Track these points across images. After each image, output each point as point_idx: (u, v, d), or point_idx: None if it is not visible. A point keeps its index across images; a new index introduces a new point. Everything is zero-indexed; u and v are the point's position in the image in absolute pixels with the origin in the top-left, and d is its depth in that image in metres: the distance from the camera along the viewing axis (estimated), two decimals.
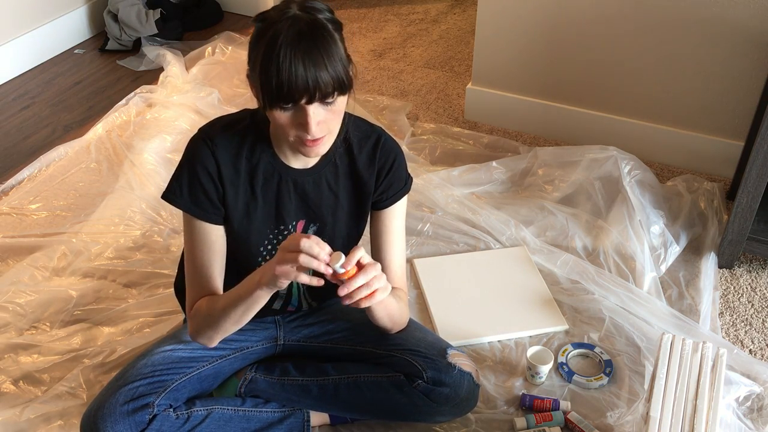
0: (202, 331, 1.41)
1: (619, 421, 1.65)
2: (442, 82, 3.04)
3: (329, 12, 1.25)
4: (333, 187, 1.44)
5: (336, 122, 1.27)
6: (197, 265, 1.40)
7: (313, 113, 1.21)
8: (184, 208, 1.36)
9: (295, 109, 1.22)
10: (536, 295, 1.98)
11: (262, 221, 1.41)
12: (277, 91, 1.18)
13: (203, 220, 1.37)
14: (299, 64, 1.17)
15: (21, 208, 2.34)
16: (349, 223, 1.49)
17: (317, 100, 1.20)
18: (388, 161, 1.45)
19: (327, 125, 1.25)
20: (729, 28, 2.21)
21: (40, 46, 3.20)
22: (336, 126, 1.29)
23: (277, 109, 1.22)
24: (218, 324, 1.37)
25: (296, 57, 1.16)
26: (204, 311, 1.38)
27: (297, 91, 1.18)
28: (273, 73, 1.17)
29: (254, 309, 1.34)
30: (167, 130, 2.61)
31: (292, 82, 1.17)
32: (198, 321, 1.40)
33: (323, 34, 1.19)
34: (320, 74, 1.18)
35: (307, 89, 1.18)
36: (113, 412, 1.36)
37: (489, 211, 2.24)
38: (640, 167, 2.31)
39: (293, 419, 1.58)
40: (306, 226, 1.46)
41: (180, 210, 1.38)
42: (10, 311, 1.93)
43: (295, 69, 1.17)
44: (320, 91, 1.19)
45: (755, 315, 1.96)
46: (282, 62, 1.16)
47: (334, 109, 1.24)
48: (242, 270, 1.45)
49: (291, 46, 1.16)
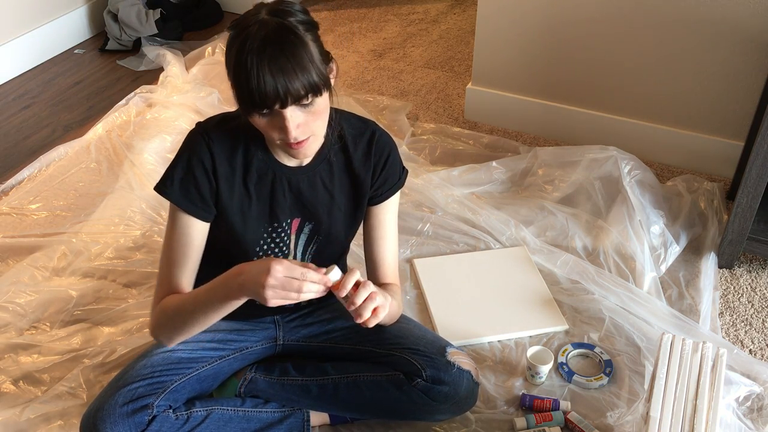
0: (164, 330, 1.40)
1: (619, 421, 1.65)
2: (442, 82, 3.04)
3: (302, 13, 1.24)
4: (328, 185, 1.44)
5: (319, 123, 1.27)
6: (172, 257, 1.39)
7: (290, 117, 1.21)
8: (173, 200, 1.36)
9: (273, 114, 1.22)
10: (536, 295, 1.98)
11: (256, 219, 1.41)
12: (250, 98, 1.19)
13: (189, 213, 1.37)
14: (266, 71, 1.16)
15: (21, 208, 2.34)
16: (345, 221, 1.49)
17: (290, 104, 1.20)
18: (383, 156, 1.46)
19: (308, 127, 1.25)
20: (729, 28, 2.21)
21: (40, 46, 3.20)
22: (320, 127, 1.28)
23: (255, 116, 1.22)
24: (184, 325, 1.36)
25: (262, 64, 1.16)
26: (171, 310, 1.37)
27: (268, 98, 1.18)
28: (243, 81, 1.18)
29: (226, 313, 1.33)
30: (167, 130, 2.61)
31: (262, 90, 1.17)
32: (161, 319, 1.39)
33: (290, 38, 1.18)
34: (289, 80, 1.17)
35: (278, 96, 1.18)
36: (113, 413, 1.36)
37: (489, 211, 2.24)
38: (640, 167, 2.31)
39: (293, 419, 1.58)
40: (301, 225, 1.46)
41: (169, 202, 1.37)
42: (10, 311, 1.93)
43: (263, 76, 1.16)
44: (291, 95, 1.19)
45: (755, 315, 1.96)
46: (250, 70, 1.17)
47: (314, 110, 1.24)
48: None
49: (257, 53, 1.16)
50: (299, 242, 1.48)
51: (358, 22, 3.53)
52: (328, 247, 1.51)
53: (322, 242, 1.49)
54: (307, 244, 1.49)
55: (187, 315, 1.35)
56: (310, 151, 1.31)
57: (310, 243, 1.49)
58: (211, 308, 1.32)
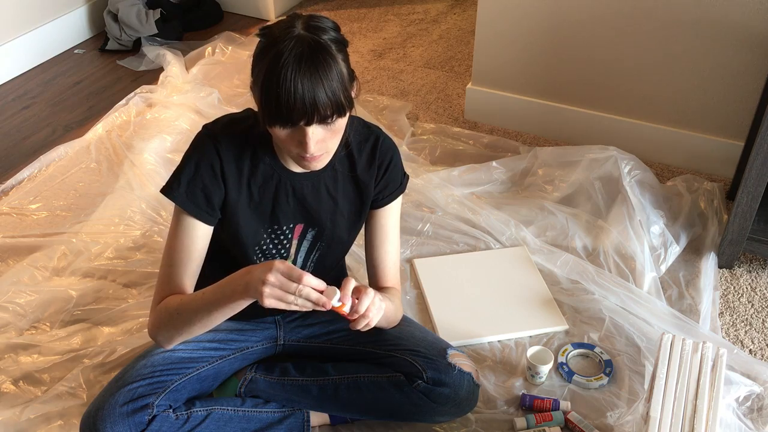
0: (164, 330, 1.39)
1: (619, 421, 1.65)
2: (442, 82, 3.04)
3: (334, 30, 1.24)
4: (332, 191, 1.44)
5: (335, 141, 1.28)
6: (174, 259, 1.39)
7: (312, 133, 1.22)
8: (179, 203, 1.36)
9: (295, 128, 1.22)
10: (536, 295, 1.98)
11: (257, 222, 1.41)
12: (277, 111, 1.19)
13: (194, 217, 1.36)
14: (299, 87, 1.16)
15: (21, 208, 2.34)
16: (348, 227, 1.50)
17: (315, 122, 1.21)
18: (385, 161, 1.46)
19: (326, 144, 1.26)
20: (729, 28, 2.21)
21: (40, 46, 3.20)
22: (335, 144, 1.29)
23: (276, 127, 1.22)
24: (186, 325, 1.36)
25: (296, 80, 1.16)
26: (173, 309, 1.36)
27: (296, 114, 1.18)
28: (273, 94, 1.18)
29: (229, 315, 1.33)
30: (167, 130, 2.61)
31: (291, 105, 1.17)
32: (162, 319, 1.38)
33: (325, 57, 1.19)
34: (319, 98, 1.18)
35: (306, 112, 1.18)
36: (113, 412, 1.36)
37: (489, 211, 2.24)
38: (640, 167, 2.31)
39: (293, 419, 1.58)
40: (304, 231, 1.46)
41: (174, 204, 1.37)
42: (10, 311, 1.93)
43: (294, 92, 1.16)
44: (318, 114, 1.19)
45: (755, 315, 1.96)
46: (282, 84, 1.16)
47: (334, 128, 1.25)
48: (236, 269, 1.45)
49: (292, 68, 1.16)
50: (301, 248, 1.48)
51: (358, 22, 3.53)
52: (330, 252, 1.51)
53: (325, 248, 1.50)
54: (310, 250, 1.49)
55: (190, 314, 1.34)
56: (322, 164, 1.31)
57: (313, 250, 1.49)
58: (215, 308, 1.31)
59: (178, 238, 1.38)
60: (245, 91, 2.88)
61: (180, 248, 1.38)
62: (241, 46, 3.19)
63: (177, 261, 1.39)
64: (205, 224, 1.38)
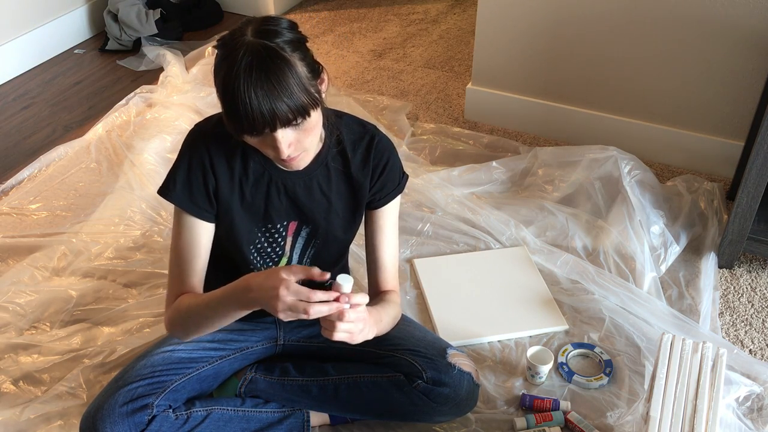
0: (178, 327, 1.40)
1: (619, 421, 1.65)
2: (442, 82, 3.04)
3: (289, 30, 1.21)
4: (325, 190, 1.43)
5: (311, 139, 1.26)
6: (181, 259, 1.39)
7: (281, 138, 1.21)
8: (177, 203, 1.36)
9: (263, 135, 1.21)
10: (536, 295, 1.98)
11: (250, 221, 1.41)
12: (238, 123, 1.18)
13: (195, 216, 1.37)
14: (253, 98, 1.15)
15: (21, 208, 2.34)
16: (343, 226, 1.49)
17: (280, 127, 1.19)
18: (381, 161, 1.44)
19: (300, 144, 1.25)
20: (729, 28, 2.21)
21: (40, 46, 3.20)
22: (311, 142, 1.27)
23: (245, 136, 1.22)
24: (198, 327, 1.37)
25: (249, 91, 1.15)
26: (185, 309, 1.37)
27: (257, 124, 1.17)
28: (232, 106, 1.17)
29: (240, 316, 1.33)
30: (167, 130, 2.61)
31: (250, 116, 1.16)
32: (176, 319, 1.39)
33: (277, 63, 1.16)
34: (276, 105, 1.16)
35: (266, 121, 1.17)
36: (112, 413, 1.36)
37: (489, 211, 2.24)
38: (640, 167, 2.31)
39: (293, 419, 1.58)
40: (298, 229, 1.46)
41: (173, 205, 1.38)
42: (10, 311, 1.93)
43: (250, 103, 1.15)
44: (280, 120, 1.18)
45: (755, 315, 1.96)
46: (237, 97, 1.15)
47: (305, 127, 1.23)
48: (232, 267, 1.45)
49: (244, 79, 1.14)
50: (296, 245, 1.48)
51: (358, 22, 3.53)
52: (326, 250, 1.51)
53: (320, 245, 1.49)
54: (305, 247, 1.49)
55: (200, 318, 1.35)
56: (303, 164, 1.31)
57: (308, 246, 1.49)
58: (224, 315, 1.32)
59: (182, 238, 1.39)
60: None
61: (184, 248, 1.39)
62: None
63: (183, 261, 1.39)
64: (206, 222, 1.38)
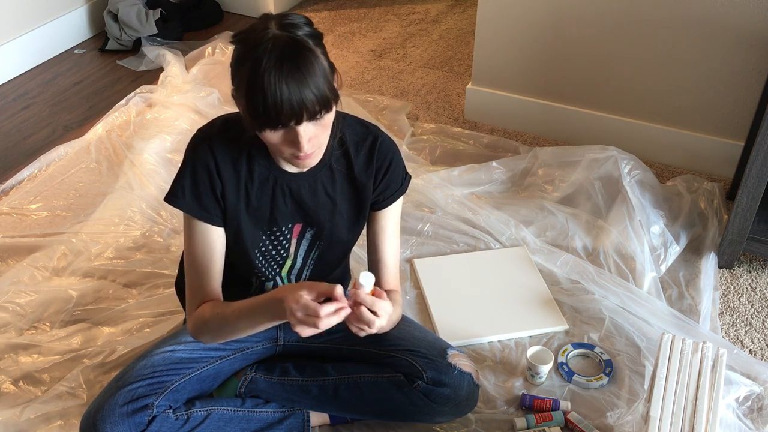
0: (205, 335, 1.41)
1: (619, 421, 1.65)
2: (442, 82, 3.04)
3: (308, 25, 1.23)
4: (330, 192, 1.43)
5: (325, 135, 1.27)
6: (197, 266, 1.39)
7: (303, 132, 1.21)
8: (186, 210, 1.36)
9: (286, 130, 1.22)
10: (536, 295, 1.98)
11: (255, 224, 1.41)
12: (265, 116, 1.18)
13: (206, 221, 1.36)
14: (284, 89, 1.15)
15: (21, 208, 2.34)
16: (347, 227, 1.49)
17: (305, 120, 1.20)
18: (384, 163, 1.44)
19: (317, 140, 1.25)
20: (729, 28, 2.21)
21: (40, 46, 3.20)
22: (326, 138, 1.28)
23: (267, 131, 1.22)
24: (227, 335, 1.38)
25: (280, 82, 1.15)
26: (212, 319, 1.37)
27: (284, 116, 1.17)
28: (259, 99, 1.16)
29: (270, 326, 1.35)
30: (167, 130, 2.61)
31: (279, 108, 1.16)
32: (201, 327, 1.39)
33: (305, 54, 1.17)
34: (306, 97, 1.17)
35: (295, 113, 1.17)
36: (113, 413, 1.36)
37: (489, 211, 2.24)
38: (640, 167, 2.31)
39: (293, 419, 1.58)
40: (303, 231, 1.45)
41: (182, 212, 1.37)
42: (10, 311, 1.93)
43: (280, 94, 1.15)
44: (307, 112, 1.18)
45: (755, 315, 1.96)
46: (266, 88, 1.15)
47: (324, 123, 1.24)
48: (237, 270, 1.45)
49: (274, 71, 1.15)
50: (301, 247, 1.48)
51: (358, 22, 3.53)
52: (330, 251, 1.51)
53: (325, 247, 1.49)
54: (309, 249, 1.49)
55: (230, 327, 1.36)
56: (315, 161, 1.31)
57: (312, 248, 1.49)
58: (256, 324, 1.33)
59: (196, 245, 1.38)
60: None
61: (199, 255, 1.38)
62: None
63: (200, 268, 1.39)
64: (216, 226, 1.38)
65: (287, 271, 1.50)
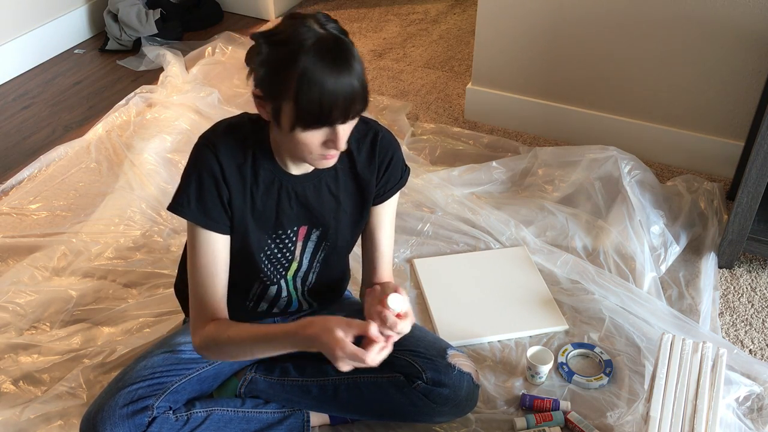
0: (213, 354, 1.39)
1: (619, 421, 1.65)
2: (442, 82, 3.04)
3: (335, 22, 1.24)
4: (333, 190, 1.43)
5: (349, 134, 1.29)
6: (203, 277, 1.36)
7: (342, 130, 1.23)
8: (192, 219, 1.33)
9: (328, 128, 1.22)
10: (536, 295, 1.98)
11: (261, 228, 1.40)
12: (318, 115, 1.18)
13: (212, 230, 1.34)
14: (340, 88, 1.16)
15: (21, 208, 2.34)
16: (351, 224, 1.49)
17: (351, 118, 1.21)
18: (386, 157, 1.44)
19: (347, 137, 1.27)
20: (729, 28, 2.21)
21: (40, 46, 3.20)
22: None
23: (309, 131, 1.21)
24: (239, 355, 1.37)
25: (337, 82, 1.16)
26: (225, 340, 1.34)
27: (336, 114, 1.18)
28: (314, 100, 1.16)
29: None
30: (167, 130, 2.61)
31: (333, 106, 1.17)
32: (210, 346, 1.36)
33: (351, 51, 1.18)
34: (356, 95, 1.18)
35: (345, 111, 1.19)
36: (113, 414, 1.36)
37: (489, 211, 2.24)
38: (640, 167, 2.31)
39: (293, 420, 1.58)
40: (308, 233, 1.45)
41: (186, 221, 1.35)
42: (10, 311, 1.93)
43: (337, 94, 1.16)
44: (355, 111, 1.20)
45: (755, 315, 1.96)
46: (324, 88, 1.15)
47: (353, 121, 1.25)
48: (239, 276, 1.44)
49: (330, 71, 1.15)
50: (306, 249, 1.48)
51: (358, 22, 3.53)
52: (334, 252, 1.51)
53: (330, 248, 1.49)
54: (316, 250, 1.49)
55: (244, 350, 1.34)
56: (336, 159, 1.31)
57: (318, 250, 1.49)
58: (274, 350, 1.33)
59: (201, 255, 1.35)
60: (245, 91, 2.89)
61: (205, 265, 1.35)
62: (241, 46, 3.19)
63: (206, 279, 1.36)
64: (222, 235, 1.36)
65: (293, 273, 1.50)
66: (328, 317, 1.25)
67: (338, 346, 1.19)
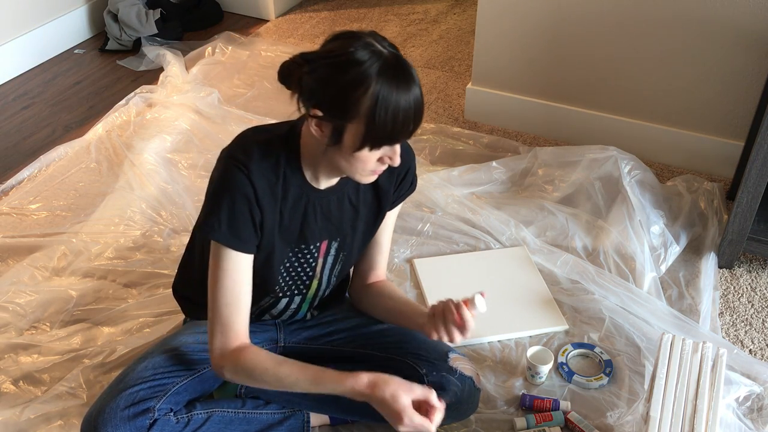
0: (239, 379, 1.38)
1: (619, 421, 1.65)
2: (442, 82, 3.04)
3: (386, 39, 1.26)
4: (354, 201, 1.44)
5: None
6: (228, 298, 1.34)
7: (399, 146, 1.27)
8: (224, 242, 1.31)
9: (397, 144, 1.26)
10: (536, 295, 1.98)
11: (284, 241, 1.40)
12: (390, 133, 1.21)
13: (240, 251, 1.33)
14: (412, 107, 1.21)
15: (21, 208, 2.34)
16: (366, 231, 1.50)
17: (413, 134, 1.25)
18: (404, 169, 1.47)
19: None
20: (729, 28, 2.21)
21: (40, 46, 3.20)
22: None
23: (375, 150, 1.24)
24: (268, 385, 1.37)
25: (410, 102, 1.20)
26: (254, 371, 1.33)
27: (406, 131, 1.23)
28: (389, 120, 1.19)
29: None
30: (167, 130, 2.61)
31: (408, 124, 1.21)
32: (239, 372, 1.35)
33: (412, 69, 1.22)
34: (421, 112, 1.23)
35: (415, 128, 1.24)
36: (114, 416, 1.35)
37: (489, 211, 2.24)
38: (640, 167, 2.31)
39: (293, 420, 1.58)
40: (328, 247, 1.46)
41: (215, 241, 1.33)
42: (10, 311, 1.93)
43: (408, 111, 1.20)
44: (417, 126, 1.24)
45: (755, 315, 1.96)
46: (400, 109, 1.19)
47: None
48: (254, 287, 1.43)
49: (405, 92, 1.19)
50: (326, 265, 1.48)
51: (358, 22, 3.53)
52: (348, 262, 1.53)
53: (345, 258, 1.50)
54: (333, 264, 1.49)
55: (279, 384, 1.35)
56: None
57: (336, 263, 1.50)
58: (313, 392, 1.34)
59: (227, 276, 1.33)
60: (245, 91, 2.89)
61: (231, 286, 1.34)
62: (241, 46, 3.19)
63: (231, 300, 1.34)
64: (249, 254, 1.35)
65: (313, 293, 1.52)
66: (390, 379, 1.28)
67: (406, 415, 1.24)
